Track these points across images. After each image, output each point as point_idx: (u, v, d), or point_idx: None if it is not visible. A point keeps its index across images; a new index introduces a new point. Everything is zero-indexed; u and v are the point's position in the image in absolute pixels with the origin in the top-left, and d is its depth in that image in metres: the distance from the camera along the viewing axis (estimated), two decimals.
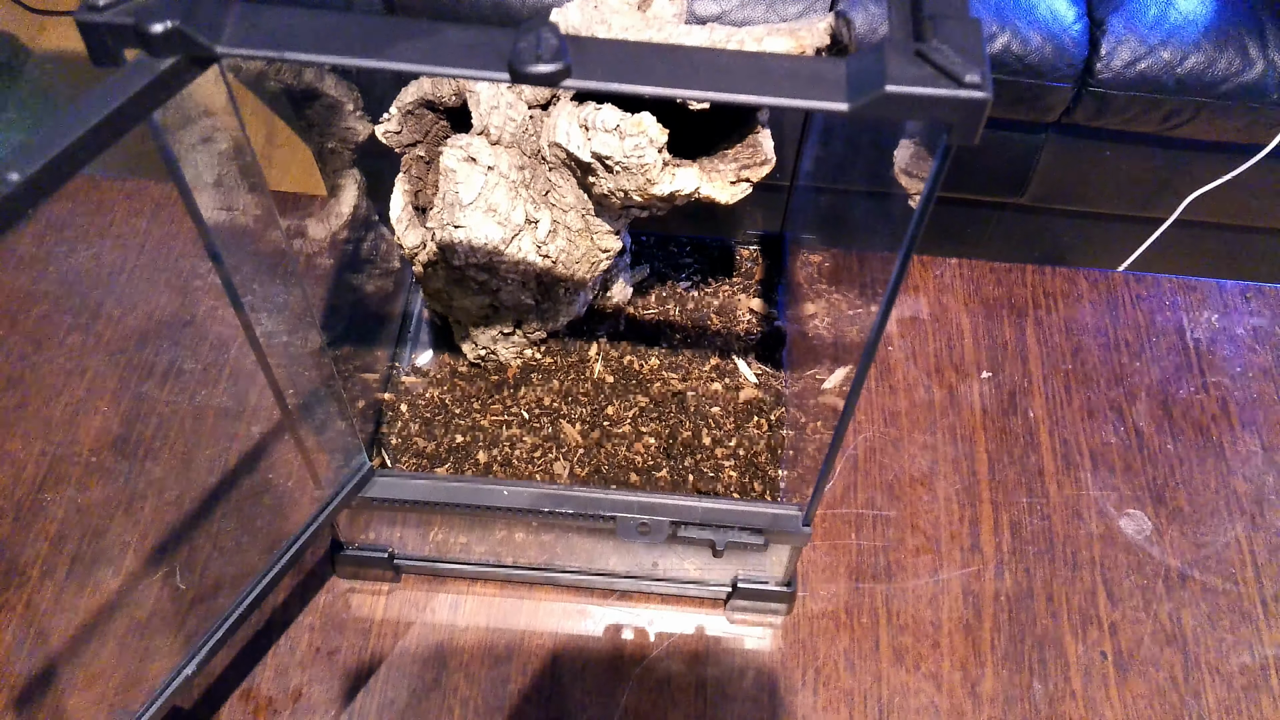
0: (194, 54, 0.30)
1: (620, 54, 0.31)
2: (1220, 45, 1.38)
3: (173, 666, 0.56)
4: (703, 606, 0.69)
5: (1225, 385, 0.81)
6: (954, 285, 0.86)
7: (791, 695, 0.65)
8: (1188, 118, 1.41)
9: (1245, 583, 0.71)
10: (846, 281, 0.83)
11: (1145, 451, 0.77)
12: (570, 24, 0.61)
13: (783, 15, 1.35)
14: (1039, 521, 0.73)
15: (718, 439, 0.70)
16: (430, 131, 0.67)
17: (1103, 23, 1.39)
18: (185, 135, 0.39)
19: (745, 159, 0.61)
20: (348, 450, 0.60)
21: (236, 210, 0.45)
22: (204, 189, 0.41)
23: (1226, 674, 0.67)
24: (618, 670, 0.66)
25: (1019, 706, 0.65)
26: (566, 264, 0.66)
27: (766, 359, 0.75)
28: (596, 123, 0.57)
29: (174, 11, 0.30)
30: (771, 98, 0.30)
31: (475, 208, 0.62)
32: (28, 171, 0.27)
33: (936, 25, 0.31)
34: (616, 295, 0.75)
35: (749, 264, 0.81)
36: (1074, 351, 0.82)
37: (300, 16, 0.31)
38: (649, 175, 0.58)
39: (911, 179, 0.56)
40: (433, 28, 0.31)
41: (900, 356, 0.81)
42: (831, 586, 0.70)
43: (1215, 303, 0.86)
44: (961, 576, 0.71)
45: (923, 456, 0.76)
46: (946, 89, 0.29)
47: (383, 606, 0.68)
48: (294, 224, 0.81)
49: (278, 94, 0.61)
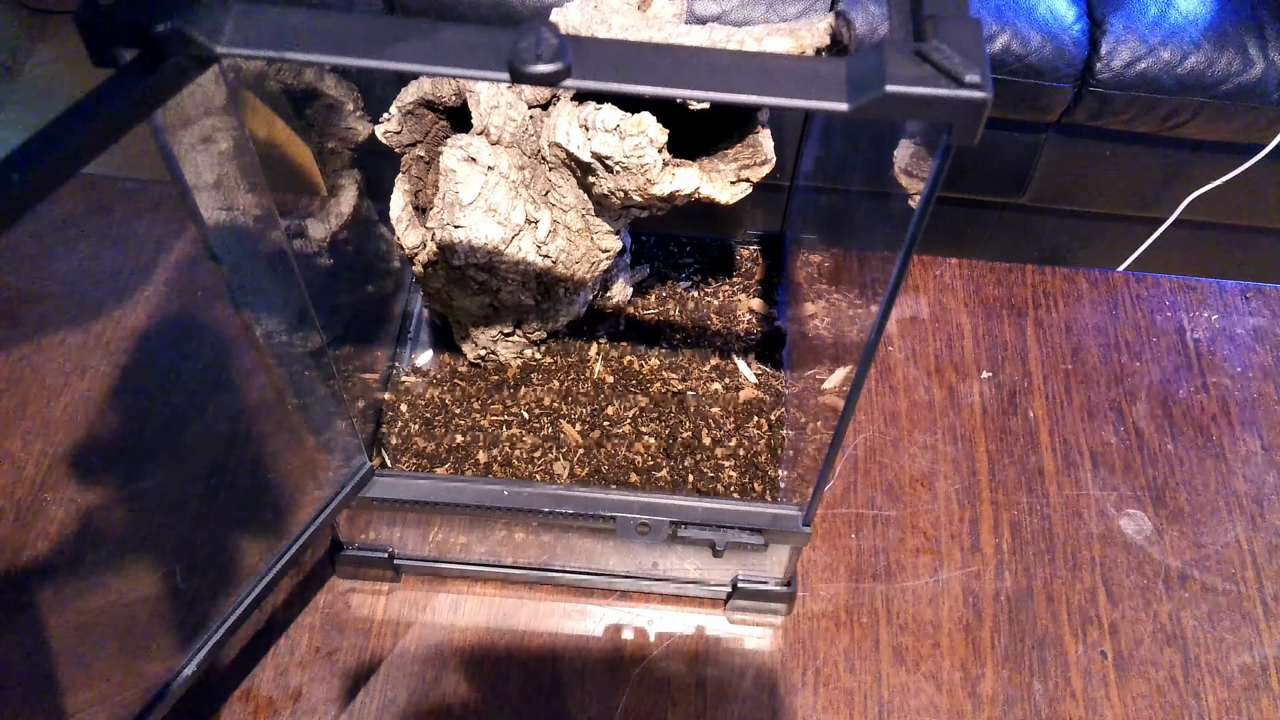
0: (194, 54, 0.30)
1: (620, 54, 0.31)
2: (1220, 45, 1.38)
3: (173, 667, 0.56)
4: (703, 606, 0.69)
5: (1225, 385, 0.81)
6: (954, 285, 0.86)
7: (791, 695, 0.65)
8: (1188, 118, 1.41)
9: (1245, 583, 0.71)
10: (846, 281, 0.83)
11: (1145, 451, 0.77)
12: (570, 24, 0.61)
13: (783, 15, 1.35)
14: (1039, 521, 0.73)
15: (718, 439, 0.70)
16: (430, 131, 0.67)
17: (1103, 23, 1.39)
18: (185, 135, 0.39)
19: (745, 159, 0.61)
20: (348, 450, 0.60)
21: (236, 210, 0.45)
22: (204, 189, 0.41)
23: (1226, 674, 0.67)
24: (618, 670, 0.66)
25: (1019, 706, 0.65)
26: (566, 264, 0.66)
27: (766, 359, 0.75)
28: (596, 123, 0.57)
29: (174, 11, 0.30)
30: (771, 98, 0.30)
31: (475, 208, 0.62)
32: (28, 172, 0.27)
33: (936, 25, 0.31)
34: (616, 295, 0.75)
35: (749, 264, 0.81)
36: (1074, 351, 0.82)
37: (300, 16, 0.31)
38: (649, 175, 0.58)
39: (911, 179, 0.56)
40: (433, 28, 0.31)
41: (900, 356, 0.81)
42: (831, 586, 0.70)
43: (1215, 303, 0.86)
44: (961, 576, 0.71)
45: (923, 456, 0.76)
46: (946, 89, 0.29)
47: (383, 606, 0.68)
48: (294, 224, 0.81)
49: (278, 94, 0.61)
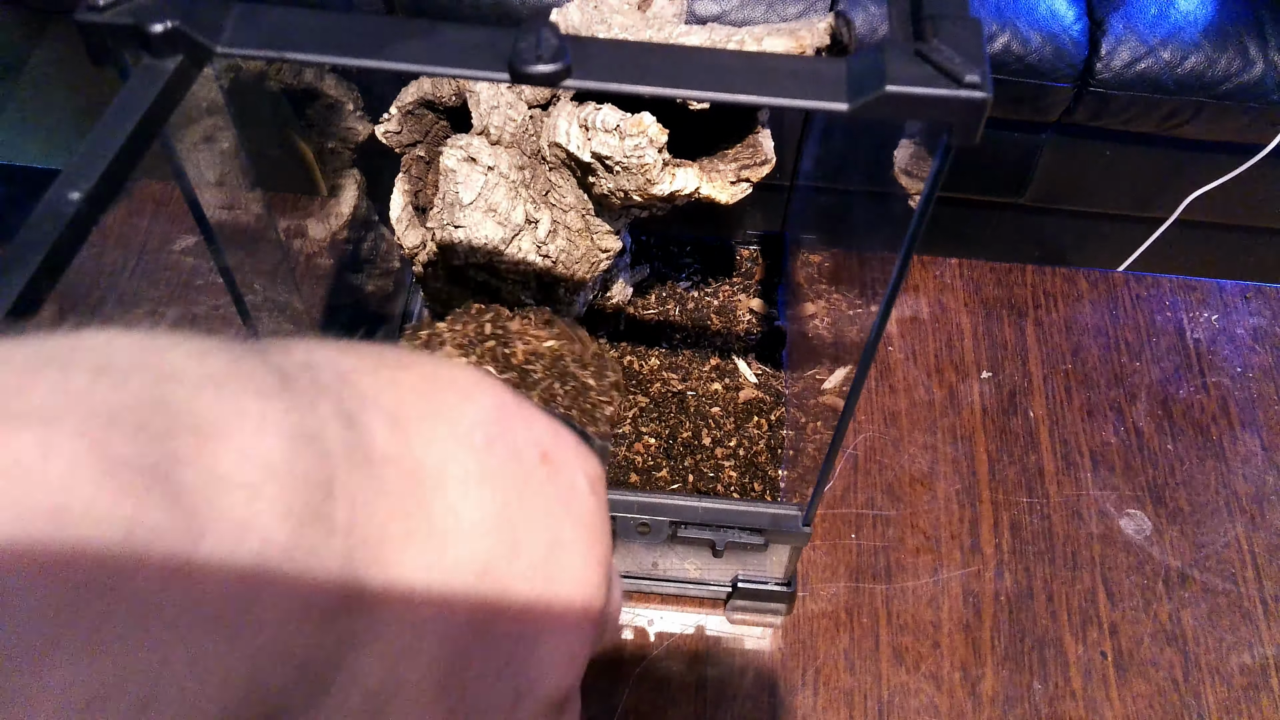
0: (194, 54, 0.30)
1: (620, 54, 0.31)
2: (1220, 45, 1.38)
3: None
4: (703, 606, 0.69)
5: (1225, 385, 0.81)
6: (954, 285, 0.86)
7: (791, 695, 0.65)
8: (1188, 118, 1.41)
9: (1245, 583, 0.71)
10: (846, 281, 0.83)
11: (1145, 451, 0.77)
12: (570, 24, 0.61)
13: (783, 15, 1.35)
14: (1039, 521, 0.73)
15: (718, 439, 0.70)
16: (430, 131, 0.67)
17: (1103, 23, 1.39)
18: (186, 135, 0.39)
19: (745, 159, 0.61)
20: None
21: (237, 210, 0.45)
22: (205, 188, 0.41)
23: (1226, 674, 0.67)
24: (618, 670, 0.66)
25: (1019, 706, 0.65)
26: (566, 264, 0.66)
27: (766, 359, 0.75)
28: (596, 123, 0.57)
29: (174, 11, 0.30)
30: (771, 98, 0.30)
31: (475, 208, 0.62)
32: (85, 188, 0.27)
33: (936, 25, 0.31)
34: (616, 295, 0.75)
35: (749, 264, 0.81)
36: (1074, 351, 0.82)
37: (300, 16, 0.31)
38: (649, 175, 0.58)
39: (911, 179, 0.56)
40: (433, 28, 0.31)
41: (900, 356, 0.81)
42: (831, 586, 0.70)
43: (1215, 303, 0.86)
44: (961, 576, 0.70)
45: (923, 456, 0.76)
46: (946, 89, 0.29)
47: None
48: (294, 224, 0.81)
49: (278, 94, 0.61)
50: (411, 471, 0.22)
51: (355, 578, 0.21)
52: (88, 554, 0.16)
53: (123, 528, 0.17)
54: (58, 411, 0.17)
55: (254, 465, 0.19)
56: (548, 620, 0.25)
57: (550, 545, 0.25)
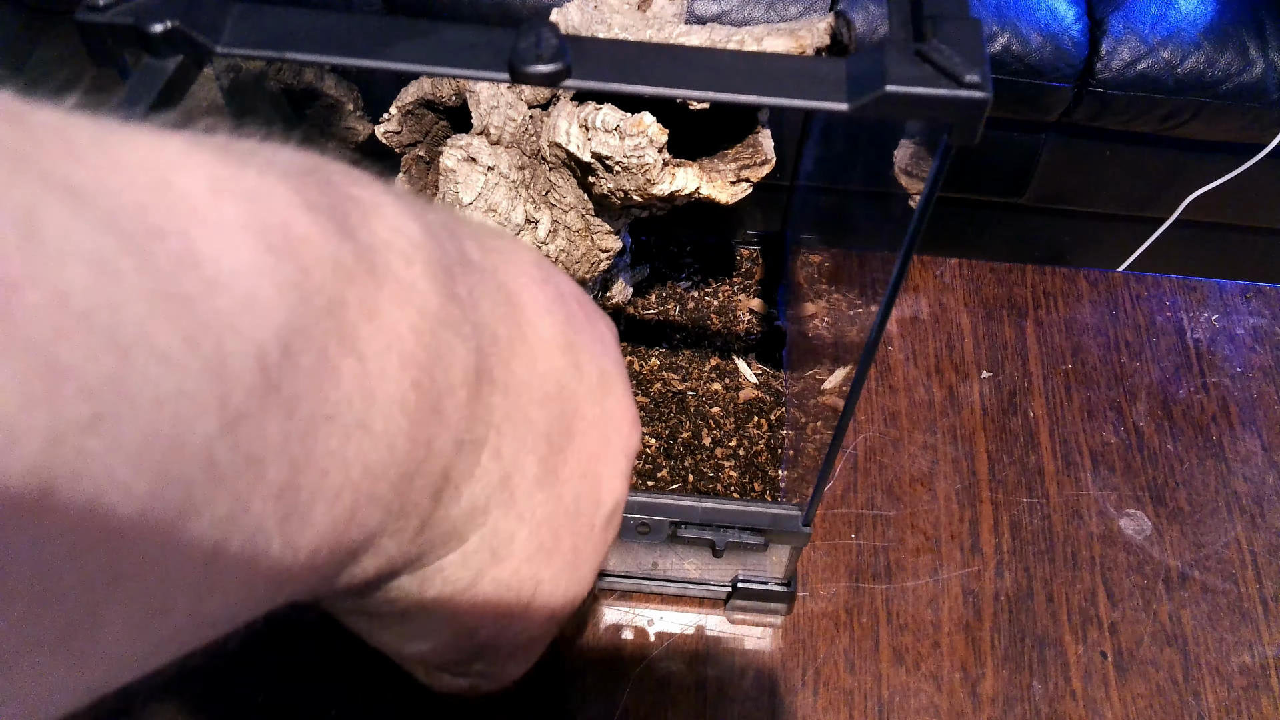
0: (194, 54, 0.30)
1: (620, 54, 0.31)
2: (1220, 45, 1.38)
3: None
4: (703, 606, 0.69)
5: (1225, 385, 0.81)
6: (954, 285, 0.86)
7: (791, 695, 0.65)
8: (1188, 118, 1.41)
9: (1245, 583, 0.71)
10: (846, 281, 0.83)
11: (1145, 451, 0.77)
12: (570, 24, 0.61)
13: (783, 15, 1.35)
14: (1039, 521, 0.73)
15: (718, 439, 0.70)
16: (430, 131, 0.67)
17: (1103, 23, 1.39)
18: None
19: (745, 159, 0.61)
20: None
21: None
22: None
23: (1226, 674, 0.67)
24: (618, 670, 0.66)
25: (1019, 706, 0.65)
26: (566, 264, 0.66)
27: (766, 359, 0.75)
28: (596, 123, 0.57)
29: (174, 11, 0.30)
30: (771, 98, 0.30)
31: (475, 208, 0.62)
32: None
33: (936, 25, 0.31)
34: (616, 295, 0.75)
35: (749, 264, 0.81)
36: (1074, 351, 0.82)
37: (300, 16, 0.31)
38: (649, 175, 0.58)
39: (911, 179, 0.56)
40: (433, 28, 0.31)
41: (900, 356, 0.81)
42: (831, 586, 0.70)
43: (1215, 303, 0.86)
44: (961, 576, 0.71)
45: (923, 456, 0.76)
46: (946, 89, 0.29)
47: None
48: None
49: (278, 94, 0.61)
50: (503, 284, 0.26)
51: (485, 361, 0.24)
52: (313, 279, 0.19)
53: (331, 262, 0.19)
54: (259, 165, 0.20)
55: (405, 239, 0.22)
56: (611, 437, 0.29)
57: (601, 375, 0.29)
